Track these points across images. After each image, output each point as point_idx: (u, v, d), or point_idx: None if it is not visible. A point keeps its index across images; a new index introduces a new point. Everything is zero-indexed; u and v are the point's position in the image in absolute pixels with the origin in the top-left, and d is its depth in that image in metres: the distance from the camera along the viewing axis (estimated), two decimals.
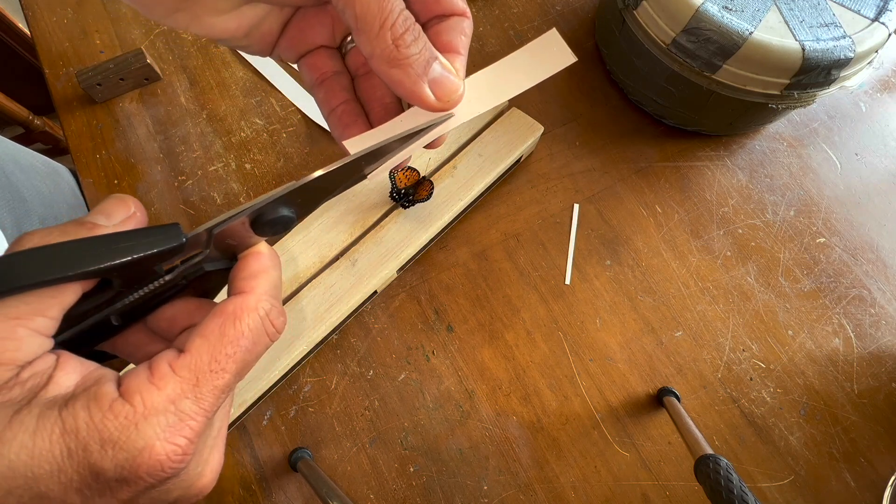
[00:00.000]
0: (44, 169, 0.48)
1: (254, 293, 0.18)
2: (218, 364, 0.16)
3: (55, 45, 0.53)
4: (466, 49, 0.21)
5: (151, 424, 0.14)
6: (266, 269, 0.19)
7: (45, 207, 0.44)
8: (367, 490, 0.39)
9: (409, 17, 0.18)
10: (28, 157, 0.48)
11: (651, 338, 0.44)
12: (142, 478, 0.14)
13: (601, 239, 0.47)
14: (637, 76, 0.49)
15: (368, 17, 0.17)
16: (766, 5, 0.42)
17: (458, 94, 0.20)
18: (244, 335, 0.17)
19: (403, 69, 0.18)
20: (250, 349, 0.17)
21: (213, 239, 0.18)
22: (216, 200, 0.47)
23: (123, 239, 0.16)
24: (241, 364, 0.17)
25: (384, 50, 0.18)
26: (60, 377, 0.15)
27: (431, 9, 0.20)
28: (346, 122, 0.22)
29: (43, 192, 0.45)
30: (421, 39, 0.18)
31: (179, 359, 0.16)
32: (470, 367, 0.42)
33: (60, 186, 0.49)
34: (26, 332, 0.14)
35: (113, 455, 0.14)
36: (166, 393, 0.15)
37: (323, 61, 0.22)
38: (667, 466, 0.40)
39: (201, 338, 0.16)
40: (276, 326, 0.18)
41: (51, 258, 0.15)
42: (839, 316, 0.45)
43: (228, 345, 0.16)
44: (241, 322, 0.17)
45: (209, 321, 0.17)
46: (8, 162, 0.44)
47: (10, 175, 0.42)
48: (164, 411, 0.15)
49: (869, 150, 0.52)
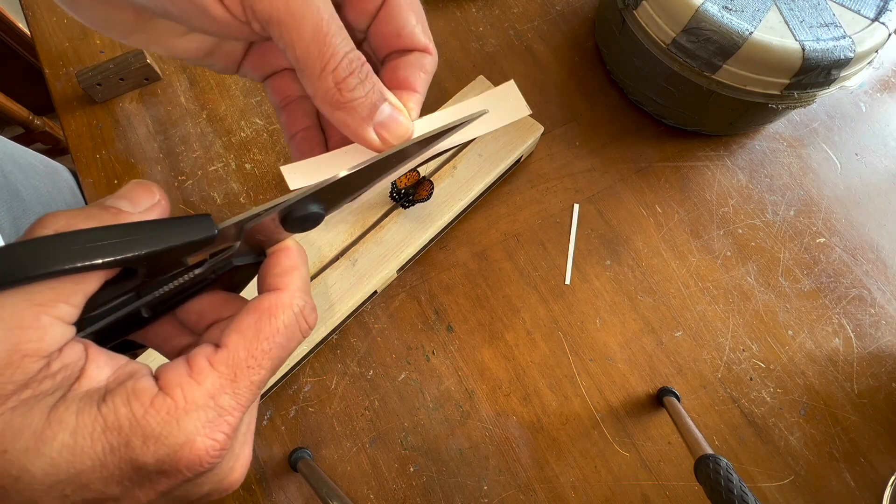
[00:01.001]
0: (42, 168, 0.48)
1: (288, 290, 0.18)
2: (255, 360, 0.16)
3: (55, 44, 0.53)
4: (425, 86, 0.20)
5: (192, 419, 0.15)
6: (297, 266, 0.19)
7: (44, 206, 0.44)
8: (367, 490, 0.39)
9: (354, 60, 0.17)
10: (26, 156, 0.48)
11: (651, 338, 0.44)
12: (181, 471, 0.15)
13: (601, 239, 0.47)
14: (637, 76, 0.49)
15: (309, 60, 0.16)
16: (766, 5, 0.42)
17: (405, 136, 0.19)
18: (279, 332, 0.17)
19: (347, 112, 0.17)
20: (285, 345, 0.17)
21: (244, 234, 0.18)
22: (216, 200, 0.47)
23: (153, 228, 0.15)
24: (277, 360, 0.17)
25: (326, 93, 0.17)
26: (92, 370, 0.15)
27: (392, 43, 0.20)
28: (303, 149, 0.21)
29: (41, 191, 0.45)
30: (368, 81, 0.17)
31: (217, 354, 0.16)
32: (470, 367, 0.42)
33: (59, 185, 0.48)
34: (50, 321, 0.14)
35: (155, 450, 0.14)
36: (206, 388, 0.15)
37: (287, 84, 0.21)
38: (667, 466, 0.40)
39: (238, 333, 0.16)
40: (309, 323, 0.18)
41: (77, 245, 0.14)
42: (839, 316, 0.45)
43: (265, 341, 0.16)
44: (276, 319, 0.17)
45: (245, 317, 0.17)
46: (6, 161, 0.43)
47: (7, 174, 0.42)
48: (204, 406, 0.15)
49: (869, 150, 0.52)
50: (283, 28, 0.15)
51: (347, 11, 0.19)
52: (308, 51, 0.16)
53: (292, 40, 0.16)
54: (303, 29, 0.16)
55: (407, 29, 0.19)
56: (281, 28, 0.15)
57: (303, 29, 0.16)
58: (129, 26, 0.18)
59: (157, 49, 0.19)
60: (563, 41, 0.55)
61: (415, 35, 0.19)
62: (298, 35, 0.16)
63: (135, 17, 0.17)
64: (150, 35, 0.18)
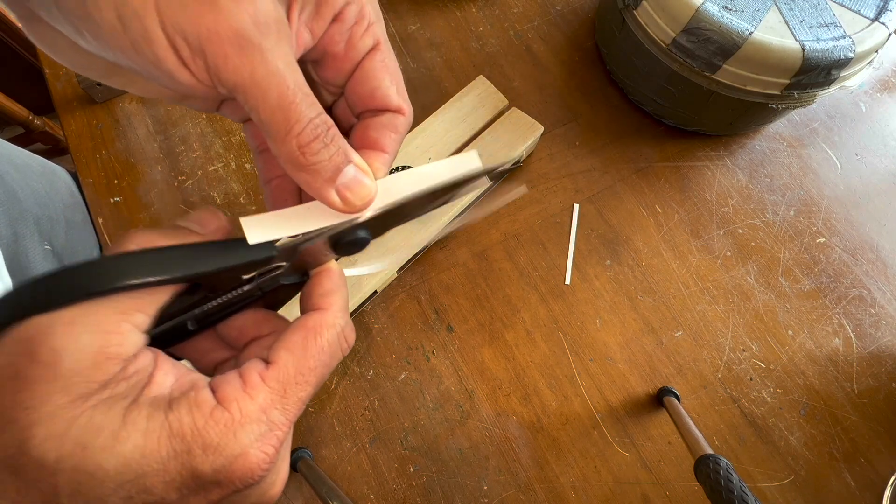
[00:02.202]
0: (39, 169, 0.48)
1: (331, 310, 0.19)
2: (302, 377, 0.17)
3: None
4: (396, 146, 0.20)
5: (247, 432, 0.16)
6: (339, 287, 0.20)
7: (41, 207, 0.44)
8: (366, 490, 0.39)
9: (319, 125, 0.17)
10: (23, 156, 0.48)
11: (651, 338, 0.44)
12: (234, 482, 0.16)
13: (601, 239, 0.47)
14: (637, 76, 0.49)
15: (273, 125, 0.16)
16: (766, 5, 0.42)
17: (368, 198, 0.19)
18: (324, 350, 0.18)
19: (310, 174, 0.18)
20: (328, 363, 0.18)
21: (297, 255, 0.19)
22: (216, 200, 0.47)
23: (219, 248, 0.17)
24: (321, 377, 0.18)
25: (289, 155, 0.17)
26: (160, 377, 0.16)
27: (366, 103, 0.20)
28: (276, 196, 0.22)
29: (39, 192, 0.45)
30: (333, 145, 0.18)
31: (268, 370, 0.17)
32: (470, 367, 0.42)
33: (56, 186, 0.49)
34: (129, 328, 0.15)
35: (213, 459, 0.15)
36: (258, 402, 0.16)
37: None
38: (667, 466, 0.40)
39: (287, 350, 0.17)
40: (349, 341, 0.19)
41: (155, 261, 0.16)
42: (839, 316, 0.45)
43: (311, 358, 0.17)
44: (321, 337, 0.18)
45: (292, 335, 0.18)
46: (2, 162, 0.44)
47: (4, 175, 0.42)
48: (258, 420, 0.16)
49: (869, 150, 0.52)
50: (248, 95, 0.16)
51: (324, 69, 0.20)
52: (273, 116, 0.16)
53: (257, 106, 0.16)
54: (268, 97, 0.16)
55: (381, 90, 0.20)
56: (246, 95, 0.16)
57: (268, 97, 0.16)
58: (107, 71, 0.19)
59: (135, 91, 0.20)
60: (563, 41, 0.55)
61: (388, 97, 0.20)
62: (264, 102, 0.16)
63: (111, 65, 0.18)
64: (126, 79, 0.19)
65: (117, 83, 0.19)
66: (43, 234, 0.43)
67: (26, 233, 0.42)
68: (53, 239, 0.44)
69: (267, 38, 0.15)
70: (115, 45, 0.15)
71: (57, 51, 0.18)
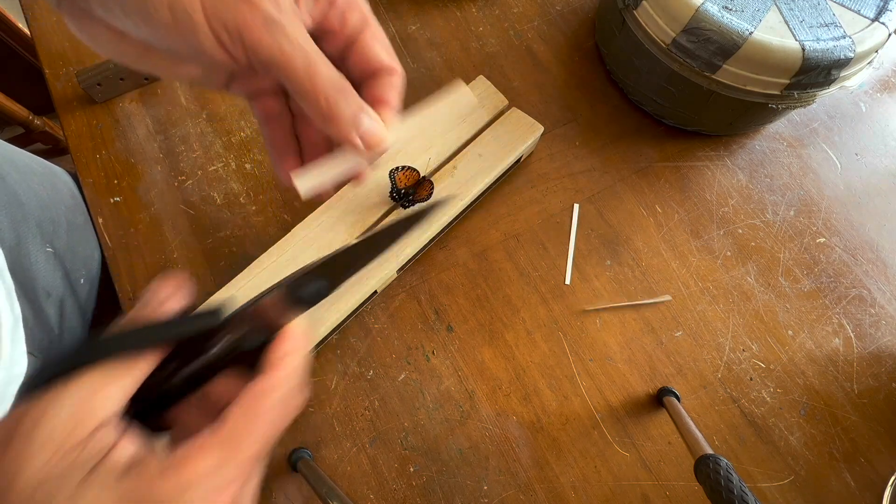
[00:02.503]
0: (41, 170, 0.48)
1: (280, 372, 0.20)
2: (251, 436, 0.19)
3: (55, 45, 0.53)
4: (396, 99, 0.25)
5: (198, 489, 0.17)
6: (296, 350, 0.21)
7: (42, 210, 0.44)
8: (366, 490, 0.39)
9: (338, 81, 0.22)
10: (25, 158, 0.48)
11: (651, 338, 0.44)
12: None
13: (601, 239, 0.47)
14: (637, 76, 0.49)
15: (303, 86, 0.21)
16: (766, 5, 0.42)
17: (383, 142, 0.23)
18: (270, 411, 0.20)
19: (336, 124, 0.22)
20: (276, 422, 0.20)
21: (252, 316, 0.20)
22: (216, 200, 0.47)
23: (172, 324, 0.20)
24: (270, 436, 0.20)
25: (319, 111, 0.22)
26: (123, 444, 0.18)
27: (364, 69, 0.24)
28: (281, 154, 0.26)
29: (40, 194, 0.45)
30: (351, 99, 0.22)
31: (220, 430, 0.19)
32: (470, 367, 0.42)
33: (58, 188, 0.49)
34: (103, 397, 0.17)
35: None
36: (210, 461, 0.18)
37: (269, 102, 0.26)
38: (667, 466, 0.40)
39: (238, 408, 0.19)
40: (294, 404, 0.21)
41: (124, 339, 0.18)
42: (839, 316, 0.45)
43: (258, 419, 0.19)
44: (269, 399, 0.20)
45: (244, 397, 0.20)
46: (4, 164, 0.44)
47: (6, 177, 0.42)
48: (208, 475, 0.17)
49: (869, 150, 0.52)
50: (281, 66, 0.21)
51: (325, 45, 0.24)
52: (302, 80, 0.21)
53: (289, 74, 0.21)
54: (296, 65, 0.21)
55: (376, 57, 0.24)
56: (279, 66, 0.21)
57: (296, 65, 0.21)
58: (140, 57, 0.22)
59: (161, 73, 0.23)
60: (563, 41, 0.55)
61: (382, 60, 0.24)
62: (293, 70, 0.21)
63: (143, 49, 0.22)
64: (155, 63, 0.22)
65: (145, 67, 0.23)
66: (45, 237, 0.44)
67: (28, 235, 0.42)
68: (55, 241, 0.45)
69: (288, 20, 0.20)
70: (166, 34, 0.20)
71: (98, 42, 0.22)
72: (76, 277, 0.47)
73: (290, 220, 0.46)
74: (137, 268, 0.45)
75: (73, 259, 0.46)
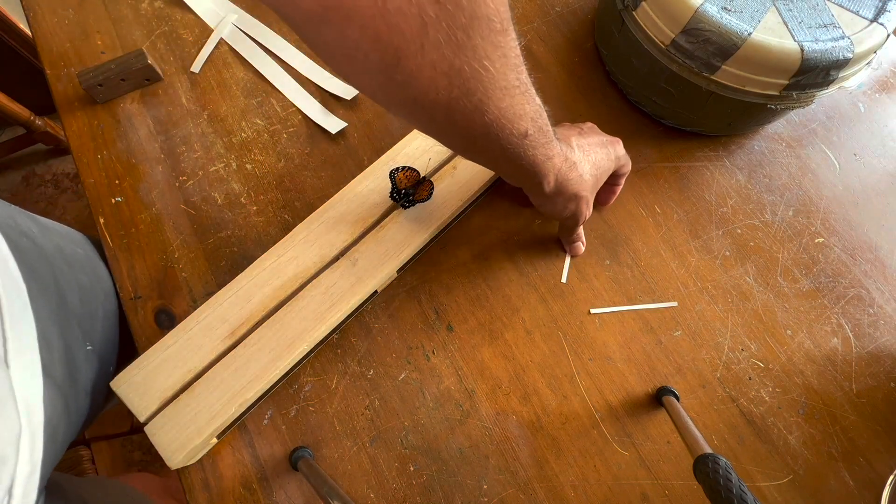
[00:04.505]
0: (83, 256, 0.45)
1: None
2: None
3: (56, 45, 0.53)
4: None
5: None
6: None
7: (83, 304, 0.41)
8: (367, 489, 0.39)
9: (580, 231, 0.44)
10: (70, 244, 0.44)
11: (650, 337, 0.44)
12: None
13: (600, 239, 0.47)
14: (636, 77, 0.49)
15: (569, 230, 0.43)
16: (765, 6, 0.42)
17: (580, 252, 0.46)
18: None
19: (572, 246, 0.45)
20: None
21: None
22: (217, 200, 0.47)
23: None
24: None
25: (569, 239, 0.44)
26: None
27: None
28: None
29: (84, 285, 0.42)
30: (580, 236, 0.45)
31: None
32: (470, 367, 0.42)
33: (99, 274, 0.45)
34: None
35: None
36: None
37: None
38: (666, 465, 0.40)
39: None
40: None
41: None
42: (838, 316, 0.45)
43: None
44: None
45: None
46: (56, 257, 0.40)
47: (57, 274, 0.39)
48: None
49: (868, 150, 0.52)
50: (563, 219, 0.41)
51: None
52: (570, 231, 0.43)
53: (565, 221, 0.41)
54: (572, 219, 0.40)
55: None
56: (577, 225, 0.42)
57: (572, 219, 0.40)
58: None
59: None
60: (562, 42, 0.55)
61: None
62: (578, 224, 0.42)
63: None
64: None
65: None
66: (85, 335, 0.41)
67: (72, 338, 0.39)
68: (93, 335, 0.42)
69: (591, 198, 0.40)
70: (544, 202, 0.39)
71: None
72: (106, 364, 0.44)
73: (291, 220, 0.47)
74: (138, 267, 0.45)
75: (105, 353, 0.44)
